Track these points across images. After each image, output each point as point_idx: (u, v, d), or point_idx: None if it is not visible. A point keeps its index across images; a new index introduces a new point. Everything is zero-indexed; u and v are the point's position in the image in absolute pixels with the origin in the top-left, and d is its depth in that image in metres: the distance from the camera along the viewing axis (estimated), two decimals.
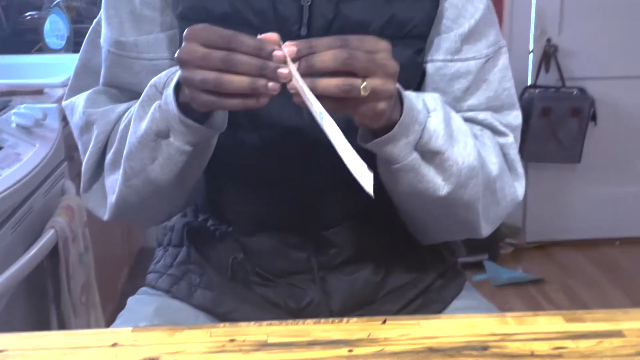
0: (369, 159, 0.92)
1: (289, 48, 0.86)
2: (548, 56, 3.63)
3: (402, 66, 0.93)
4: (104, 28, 1.13)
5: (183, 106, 0.95)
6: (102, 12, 1.14)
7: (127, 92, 1.14)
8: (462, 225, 1.11)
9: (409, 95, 0.99)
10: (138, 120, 1.02)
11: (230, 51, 0.85)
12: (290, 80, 0.86)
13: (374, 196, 0.86)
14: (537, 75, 3.66)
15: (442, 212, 1.08)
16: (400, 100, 0.97)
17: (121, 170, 1.06)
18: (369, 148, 0.99)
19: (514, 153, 1.16)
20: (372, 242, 1.20)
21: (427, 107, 1.01)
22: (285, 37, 0.90)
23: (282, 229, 1.18)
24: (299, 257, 1.19)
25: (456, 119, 1.05)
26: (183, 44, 0.88)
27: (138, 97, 1.05)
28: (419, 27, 1.10)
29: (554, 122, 3.54)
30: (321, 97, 0.86)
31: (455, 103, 1.13)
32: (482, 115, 1.14)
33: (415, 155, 1.00)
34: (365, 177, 0.85)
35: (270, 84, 0.86)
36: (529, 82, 3.69)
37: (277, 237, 1.18)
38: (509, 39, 3.58)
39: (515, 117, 1.16)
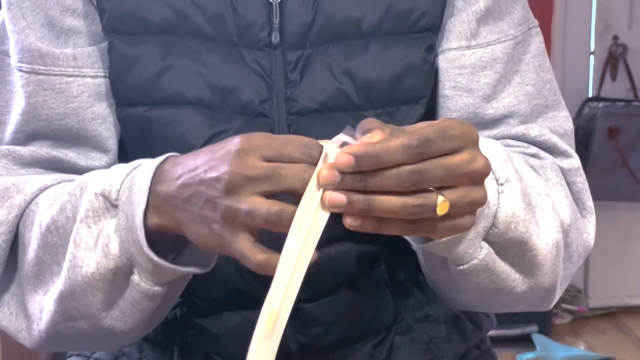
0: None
1: (343, 158, 0.82)
2: (615, 59, 3.59)
3: (411, 70, 1.03)
4: (15, 43, 1.07)
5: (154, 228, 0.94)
6: (5, 24, 1.09)
7: (54, 136, 1.06)
8: (533, 307, 1.08)
9: None
10: (82, 246, 0.94)
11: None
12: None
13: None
14: (600, 84, 3.59)
15: (513, 302, 1.05)
16: None
17: (56, 307, 0.98)
18: (423, 248, 0.95)
19: (581, 181, 1.10)
20: (369, 318, 1.15)
21: (493, 172, 0.94)
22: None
23: (247, 302, 1.09)
24: None
25: (523, 170, 1.00)
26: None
27: (70, 140, 1.05)
28: (428, 15, 1.08)
29: (624, 146, 3.46)
30: (382, 219, 0.86)
31: (485, 104, 1.09)
32: (534, 131, 1.08)
33: (486, 250, 0.94)
34: None
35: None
36: (590, 94, 3.63)
37: (240, 313, 1.10)
38: (563, 37, 3.54)
39: (565, 119, 1.12)
